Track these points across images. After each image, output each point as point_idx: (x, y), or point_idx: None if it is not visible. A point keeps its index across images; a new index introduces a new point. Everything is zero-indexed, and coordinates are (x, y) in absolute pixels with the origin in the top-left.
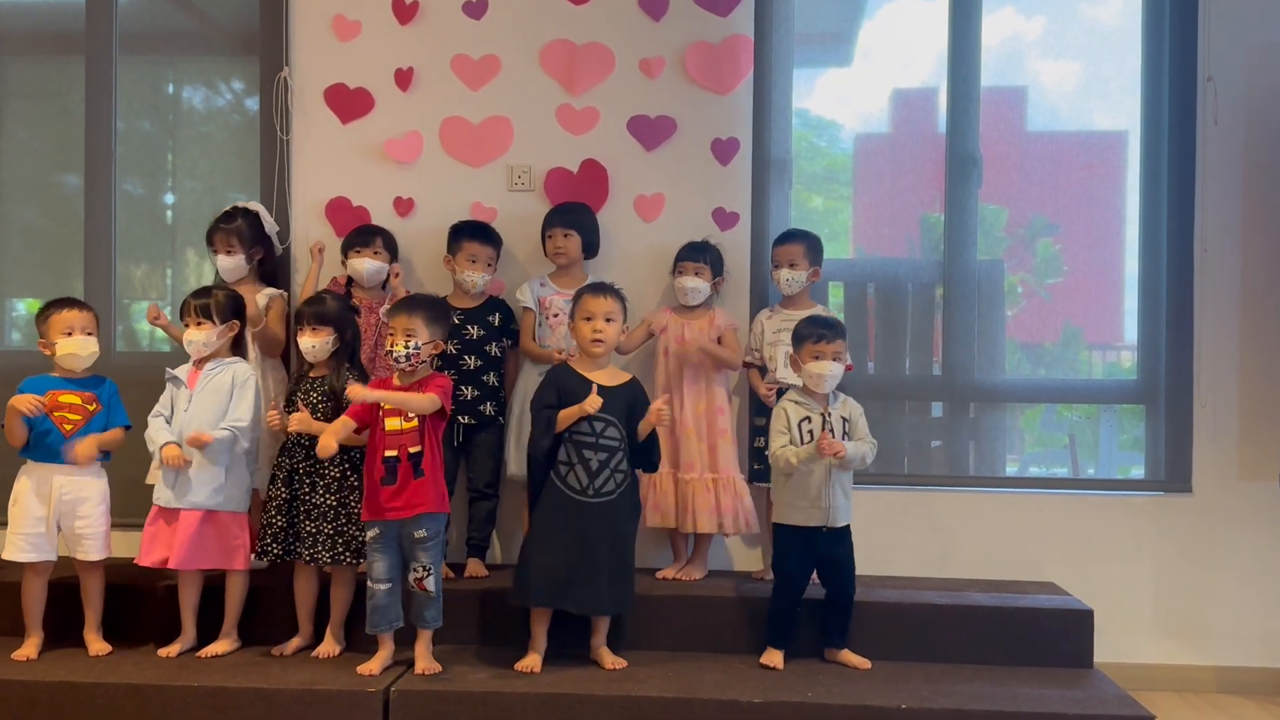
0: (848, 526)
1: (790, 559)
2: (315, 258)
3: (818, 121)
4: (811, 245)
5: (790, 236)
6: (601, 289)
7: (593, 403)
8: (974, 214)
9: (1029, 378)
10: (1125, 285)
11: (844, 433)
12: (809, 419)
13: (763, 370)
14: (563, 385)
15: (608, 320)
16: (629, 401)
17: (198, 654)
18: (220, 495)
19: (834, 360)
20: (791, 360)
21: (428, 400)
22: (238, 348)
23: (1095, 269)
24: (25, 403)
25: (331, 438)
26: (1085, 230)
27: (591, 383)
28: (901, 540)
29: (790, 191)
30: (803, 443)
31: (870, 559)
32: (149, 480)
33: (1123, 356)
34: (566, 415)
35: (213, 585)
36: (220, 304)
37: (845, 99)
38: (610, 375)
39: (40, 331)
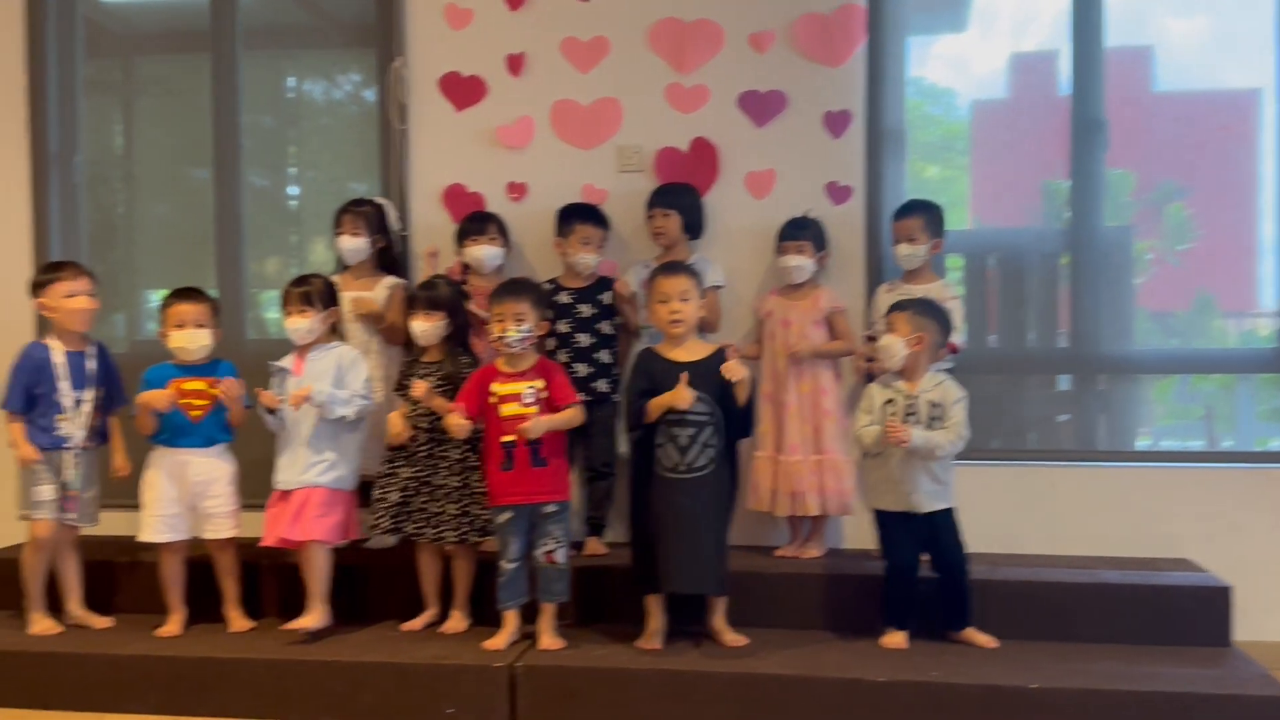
0: (946, 510)
1: (891, 541)
2: (429, 264)
3: (931, 89)
4: (932, 217)
5: (909, 209)
6: (673, 268)
7: (681, 398)
8: (1100, 179)
9: (1160, 348)
10: (1260, 250)
11: (930, 417)
12: (893, 401)
13: None
14: (651, 370)
15: (683, 299)
16: (714, 372)
17: (281, 626)
18: (331, 473)
19: (889, 333)
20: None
21: (578, 411)
22: (333, 333)
23: (1228, 233)
24: (160, 401)
25: (459, 416)
26: (1217, 193)
27: (676, 366)
28: (1029, 518)
29: (906, 163)
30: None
31: (997, 537)
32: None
33: (1259, 324)
34: (656, 405)
35: (338, 563)
36: (320, 291)
37: (961, 66)
38: (692, 350)
39: (160, 320)
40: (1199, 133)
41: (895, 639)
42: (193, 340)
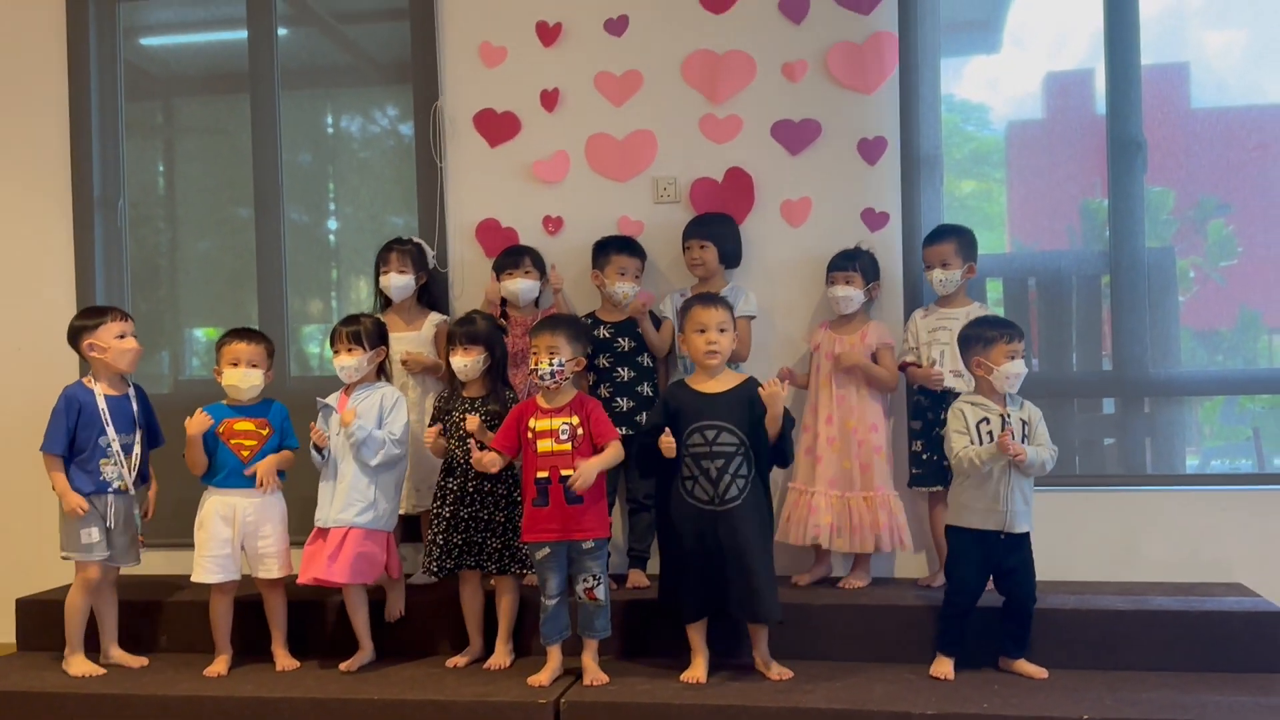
0: (1027, 534)
1: (965, 563)
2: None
3: (963, 105)
4: (964, 241)
5: (940, 235)
6: (711, 300)
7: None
8: (1140, 199)
9: (1206, 368)
10: None
11: (1023, 435)
12: (987, 420)
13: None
14: (674, 404)
15: (720, 330)
16: (744, 403)
17: (339, 666)
18: (370, 513)
19: (1022, 359)
20: (977, 363)
21: (619, 448)
22: (380, 372)
23: (1271, 248)
24: (194, 425)
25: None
26: (1259, 208)
27: (703, 398)
28: (1077, 543)
29: (941, 187)
30: (981, 444)
31: (1045, 564)
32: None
33: None
34: (666, 444)
35: (381, 600)
36: (369, 330)
37: (994, 86)
38: (723, 382)
39: (216, 358)
40: (1239, 149)
41: (944, 667)
42: (245, 380)
